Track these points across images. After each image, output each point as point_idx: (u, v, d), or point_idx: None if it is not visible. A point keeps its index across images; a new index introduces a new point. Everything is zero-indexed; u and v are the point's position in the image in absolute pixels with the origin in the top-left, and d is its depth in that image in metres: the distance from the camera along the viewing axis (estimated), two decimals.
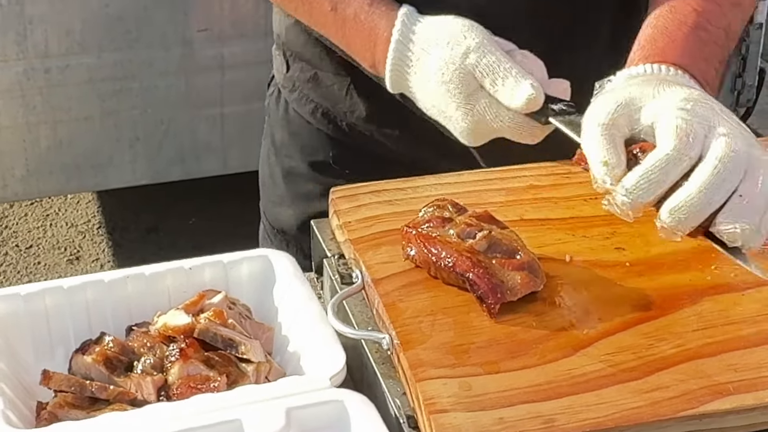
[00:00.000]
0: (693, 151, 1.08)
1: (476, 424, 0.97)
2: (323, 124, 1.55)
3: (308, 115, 1.56)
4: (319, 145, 1.56)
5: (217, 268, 1.22)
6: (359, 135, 1.53)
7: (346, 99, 1.51)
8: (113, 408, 1.07)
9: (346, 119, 1.52)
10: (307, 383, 1.07)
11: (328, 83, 1.53)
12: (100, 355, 1.12)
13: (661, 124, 1.11)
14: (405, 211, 1.23)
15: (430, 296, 1.11)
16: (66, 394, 1.09)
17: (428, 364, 1.03)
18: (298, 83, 1.56)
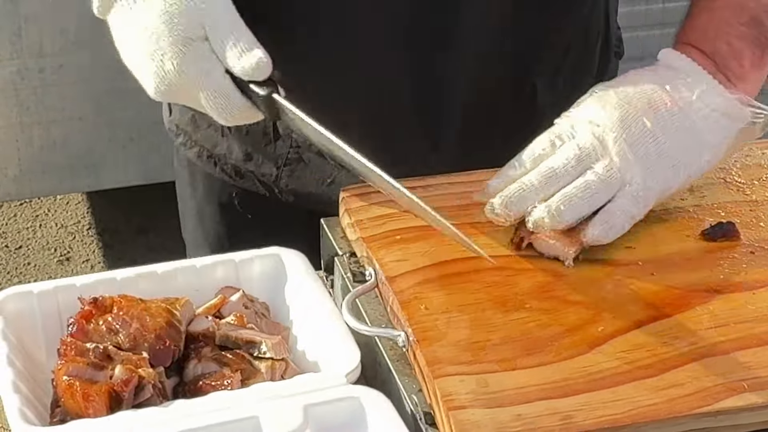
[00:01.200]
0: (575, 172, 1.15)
1: (494, 420, 0.98)
2: (210, 168, 1.49)
3: (195, 159, 1.50)
4: (218, 188, 1.51)
5: (228, 266, 1.22)
6: (246, 177, 1.47)
7: (223, 140, 1.46)
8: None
9: (228, 161, 1.47)
10: (323, 380, 1.07)
11: (204, 125, 1.47)
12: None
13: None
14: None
15: (446, 294, 1.12)
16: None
17: (445, 361, 1.04)
18: (181, 126, 1.51)
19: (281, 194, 1.45)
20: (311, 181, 1.43)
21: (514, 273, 1.15)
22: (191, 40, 1.16)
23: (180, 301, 1.15)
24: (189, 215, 1.59)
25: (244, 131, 1.42)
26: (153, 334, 1.11)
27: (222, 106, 1.17)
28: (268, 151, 1.43)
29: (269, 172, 1.45)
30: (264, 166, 1.45)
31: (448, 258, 1.17)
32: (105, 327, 1.11)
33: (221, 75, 1.16)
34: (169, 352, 1.11)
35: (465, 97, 1.37)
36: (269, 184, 1.45)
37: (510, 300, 1.12)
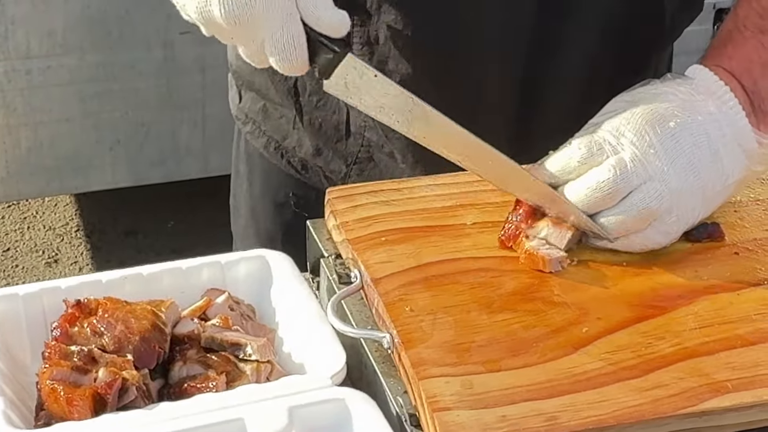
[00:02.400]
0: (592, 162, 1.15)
1: (479, 421, 0.98)
2: (277, 159, 1.50)
3: (262, 149, 1.51)
4: (279, 182, 1.52)
5: (214, 268, 1.22)
6: (312, 172, 1.49)
7: (294, 132, 1.47)
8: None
9: (296, 154, 1.48)
10: (308, 382, 1.07)
11: (276, 115, 1.48)
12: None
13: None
14: (402, 211, 1.24)
15: (431, 295, 1.12)
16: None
17: (430, 363, 1.04)
18: (250, 114, 1.52)
19: None
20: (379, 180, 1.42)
21: (499, 274, 1.15)
22: None
23: (165, 303, 1.15)
24: (242, 210, 1.59)
25: (317, 126, 1.42)
26: (138, 337, 1.11)
27: (287, 50, 1.14)
28: (339, 147, 1.44)
29: (338, 169, 1.45)
30: (333, 162, 1.45)
31: (433, 260, 1.17)
32: (90, 330, 1.11)
33: (299, 20, 1.13)
34: (153, 354, 1.11)
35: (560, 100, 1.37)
36: (336, 181, 1.45)
37: (495, 301, 1.12)
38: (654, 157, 1.14)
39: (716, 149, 1.17)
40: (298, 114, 1.45)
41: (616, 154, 1.15)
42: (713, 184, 1.18)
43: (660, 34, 1.41)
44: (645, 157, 1.14)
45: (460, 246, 1.19)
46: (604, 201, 1.15)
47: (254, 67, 1.34)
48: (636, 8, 1.35)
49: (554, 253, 1.16)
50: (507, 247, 1.19)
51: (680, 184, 1.15)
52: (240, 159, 1.58)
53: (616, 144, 1.15)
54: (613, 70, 1.37)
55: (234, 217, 1.63)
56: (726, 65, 1.23)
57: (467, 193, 1.28)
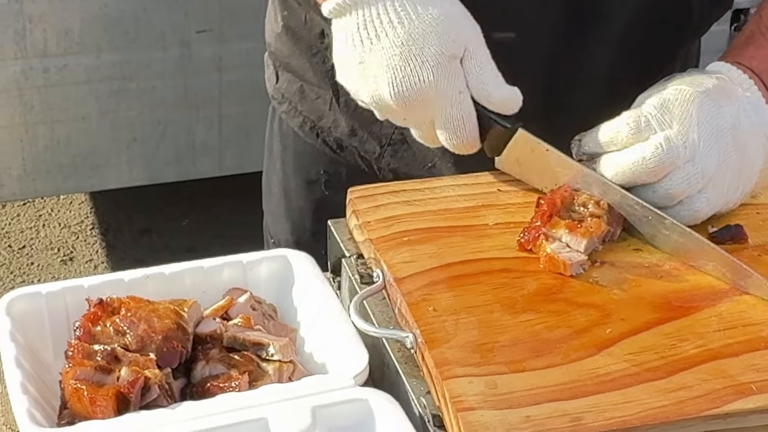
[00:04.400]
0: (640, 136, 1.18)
1: (504, 422, 0.98)
2: (312, 138, 1.52)
3: (298, 128, 1.53)
4: (311, 161, 1.54)
5: (236, 268, 1.22)
6: (346, 151, 1.51)
7: (330, 113, 1.49)
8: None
9: (331, 134, 1.50)
10: (331, 382, 1.07)
11: (313, 96, 1.51)
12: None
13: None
14: (424, 211, 1.24)
15: (454, 295, 1.12)
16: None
17: (453, 363, 1.04)
18: (287, 95, 1.54)
19: (380, 171, 1.48)
20: (413, 162, 1.45)
21: (522, 275, 1.15)
22: (454, 57, 1.16)
23: (188, 303, 1.15)
24: (274, 189, 1.61)
25: (353, 107, 1.43)
26: (160, 336, 1.11)
27: (458, 129, 1.18)
28: (374, 129, 1.45)
29: (372, 150, 1.47)
30: (368, 143, 1.47)
31: (456, 260, 1.17)
32: (112, 328, 1.11)
33: (469, 97, 1.17)
34: (176, 353, 1.11)
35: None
36: (370, 161, 1.48)
37: (518, 302, 1.11)
38: (698, 138, 1.17)
39: (746, 135, 1.20)
40: (334, 95, 1.47)
41: (662, 131, 1.17)
42: (743, 170, 1.21)
43: (687, 30, 1.42)
44: (689, 137, 1.17)
45: (482, 246, 1.19)
46: (646, 176, 1.18)
47: (293, 49, 1.35)
48: (663, 4, 1.36)
49: (575, 257, 1.16)
50: (526, 249, 1.18)
51: (716, 167, 1.18)
52: (274, 138, 1.60)
53: (663, 121, 1.17)
54: (639, 66, 1.37)
55: (266, 196, 1.66)
56: (747, 64, 1.26)
57: (489, 194, 1.27)
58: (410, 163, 1.45)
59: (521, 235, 1.18)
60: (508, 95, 1.18)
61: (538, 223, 1.19)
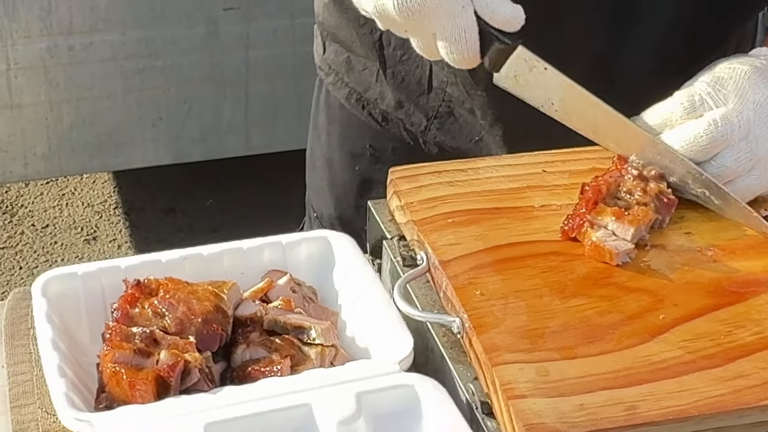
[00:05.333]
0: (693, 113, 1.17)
1: (556, 410, 0.95)
2: (358, 111, 1.51)
3: (344, 100, 1.52)
4: (357, 133, 1.53)
5: (275, 249, 1.19)
6: (392, 124, 1.49)
7: (377, 85, 1.48)
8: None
9: (377, 107, 1.49)
10: (376, 367, 1.04)
11: (360, 67, 1.49)
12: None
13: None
14: (468, 192, 1.21)
15: (501, 279, 1.09)
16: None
17: (503, 349, 1.01)
18: (333, 66, 1.53)
19: (425, 145, 1.46)
20: (459, 136, 1.42)
21: (570, 258, 1.12)
22: None
23: (227, 285, 1.12)
24: (318, 162, 1.59)
25: (399, 79, 1.42)
26: (200, 318, 1.08)
27: (459, 41, 1.14)
28: (421, 101, 1.43)
29: (418, 122, 1.45)
30: (414, 115, 1.45)
31: (502, 242, 1.14)
32: (151, 311, 1.09)
33: (472, 13, 1.14)
34: (216, 336, 1.08)
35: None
36: (416, 134, 1.46)
37: (567, 286, 1.08)
38: (754, 116, 1.15)
39: None
40: (381, 67, 1.45)
41: (717, 108, 1.15)
42: None
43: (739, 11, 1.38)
44: (744, 114, 1.14)
45: (529, 229, 1.16)
46: (698, 154, 1.15)
47: (340, 19, 1.33)
48: None
49: (621, 246, 1.12)
50: (570, 237, 1.15)
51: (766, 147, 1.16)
52: (319, 110, 1.58)
53: (717, 98, 1.15)
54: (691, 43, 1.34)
55: (309, 169, 1.63)
56: None
57: (534, 175, 1.24)
58: (457, 136, 1.42)
59: (565, 223, 1.15)
60: (511, 13, 1.14)
61: (582, 210, 1.15)
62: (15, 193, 3.32)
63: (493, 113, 1.38)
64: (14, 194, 3.32)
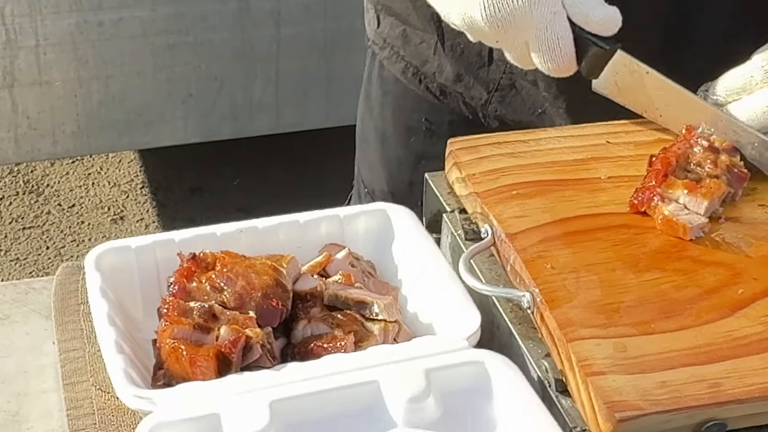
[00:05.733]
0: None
1: (637, 387, 0.91)
2: (415, 85, 1.47)
3: (399, 74, 1.48)
4: (413, 107, 1.48)
5: (333, 222, 1.16)
6: (450, 98, 1.45)
7: (434, 58, 1.43)
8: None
9: (435, 80, 1.45)
10: (444, 343, 1.01)
11: (416, 41, 1.45)
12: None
13: None
14: (531, 163, 1.17)
15: (571, 252, 1.05)
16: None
17: (578, 324, 0.97)
18: (388, 40, 1.48)
19: (485, 119, 1.41)
20: (521, 109, 1.38)
21: (642, 231, 1.08)
22: None
23: (285, 258, 1.09)
24: (370, 137, 1.55)
25: (459, 52, 1.38)
26: (260, 293, 1.04)
27: (553, 49, 1.10)
28: (481, 74, 1.39)
29: (478, 96, 1.41)
30: (474, 89, 1.41)
31: (571, 215, 1.10)
32: (209, 285, 1.05)
33: (565, 18, 1.10)
34: (276, 311, 1.04)
35: None
36: (475, 108, 1.41)
37: (641, 260, 1.05)
38: None
39: None
40: (439, 39, 1.40)
41: None
42: None
43: None
44: None
45: (597, 201, 1.12)
46: None
47: None
48: None
49: (695, 220, 1.08)
50: (639, 211, 1.11)
51: None
52: (372, 84, 1.54)
53: None
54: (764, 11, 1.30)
55: (361, 144, 1.59)
56: None
57: (598, 146, 1.20)
58: (518, 109, 1.38)
59: (634, 196, 1.11)
60: (606, 15, 1.10)
61: (652, 182, 1.11)
62: (41, 172, 3.29)
63: (557, 85, 1.34)
64: (40, 174, 3.29)
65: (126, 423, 1.03)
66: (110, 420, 1.03)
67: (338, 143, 3.22)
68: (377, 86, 1.52)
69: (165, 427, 0.92)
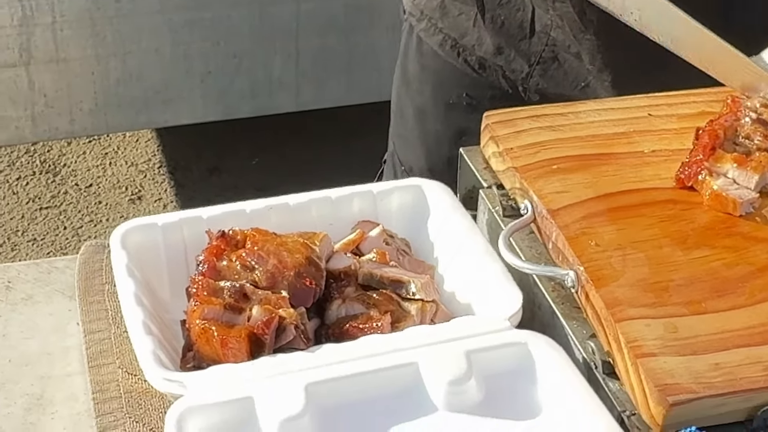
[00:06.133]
0: None
1: (690, 369, 0.87)
2: (453, 58, 1.42)
3: (437, 47, 1.44)
4: (452, 82, 1.44)
5: (366, 198, 1.12)
6: (490, 71, 1.41)
7: (474, 30, 1.39)
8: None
9: (474, 53, 1.41)
10: (485, 324, 0.97)
11: (455, 12, 1.41)
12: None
13: None
14: (571, 137, 1.13)
15: (616, 229, 1.01)
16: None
17: (626, 303, 0.93)
18: (426, 11, 1.44)
19: (526, 93, 1.38)
20: (564, 82, 1.34)
21: (690, 207, 1.04)
22: None
23: (318, 236, 1.05)
24: (407, 112, 1.52)
25: (499, 23, 1.35)
26: (292, 272, 1.00)
27: None
28: (522, 46, 1.36)
29: (519, 69, 1.37)
30: (515, 62, 1.37)
31: (614, 190, 1.06)
32: (239, 263, 1.01)
33: None
34: (310, 291, 1.01)
35: None
36: (516, 81, 1.38)
37: (689, 236, 1.01)
38: None
39: None
40: (479, 11, 1.37)
41: None
42: None
43: None
44: None
45: (641, 175, 1.08)
46: None
47: None
48: None
49: (745, 195, 1.04)
50: (686, 186, 1.07)
51: None
52: (409, 58, 1.50)
53: None
54: None
55: (396, 119, 1.56)
56: None
57: (640, 119, 1.16)
58: (561, 82, 1.34)
59: (680, 171, 1.07)
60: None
61: (699, 156, 1.07)
62: (57, 152, 3.25)
63: (602, 58, 1.30)
64: (56, 153, 3.25)
65: (154, 407, 0.99)
66: (138, 404, 0.99)
67: (359, 121, 3.19)
68: (415, 61, 1.48)
69: (196, 411, 0.89)
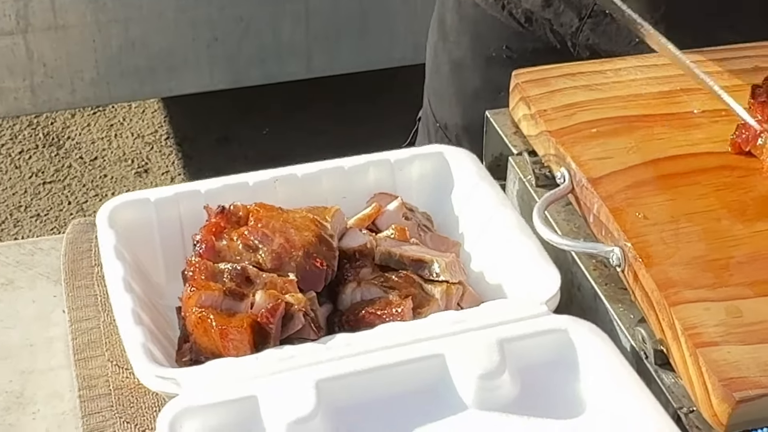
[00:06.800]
0: None
1: (758, 360, 0.76)
2: (496, 10, 1.31)
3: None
4: (492, 35, 1.33)
5: (382, 168, 1.01)
6: (536, 25, 1.30)
7: None
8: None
9: (520, 5, 1.29)
10: (519, 308, 0.85)
11: None
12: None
13: None
14: (610, 97, 1.02)
15: (666, 199, 0.89)
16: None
17: (681, 285, 0.81)
18: None
19: (575, 48, 1.27)
20: (617, 38, 1.23)
21: (748, 173, 0.93)
22: None
23: (329, 211, 0.94)
24: (443, 67, 1.42)
25: None
26: (301, 252, 0.89)
27: None
28: None
29: (568, 23, 1.27)
30: (564, 14, 1.27)
31: (663, 155, 0.94)
32: (241, 243, 0.90)
33: None
34: (321, 273, 0.90)
35: None
36: (564, 36, 1.27)
37: (749, 207, 0.90)
38: None
39: None
40: None
41: None
42: None
43: None
44: None
45: (691, 138, 0.96)
46: None
47: None
48: None
49: None
50: (743, 151, 0.95)
51: None
52: (446, 8, 1.39)
53: None
54: None
55: (431, 75, 1.45)
56: None
57: (686, 76, 1.04)
58: (614, 38, 1.22)
59: (736, 134, 0.95)
60: None
61: (757, 117, 0.95)
62: (61, 124, 3.15)
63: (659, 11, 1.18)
64: (60, 125, 3.14)
65: (147, 405, 0.89)
66: (129, 402, 0.89)
67: (373, 87, 3.08)
68: (452, 11, 1.37)
69: (192, 412, 0.78)
